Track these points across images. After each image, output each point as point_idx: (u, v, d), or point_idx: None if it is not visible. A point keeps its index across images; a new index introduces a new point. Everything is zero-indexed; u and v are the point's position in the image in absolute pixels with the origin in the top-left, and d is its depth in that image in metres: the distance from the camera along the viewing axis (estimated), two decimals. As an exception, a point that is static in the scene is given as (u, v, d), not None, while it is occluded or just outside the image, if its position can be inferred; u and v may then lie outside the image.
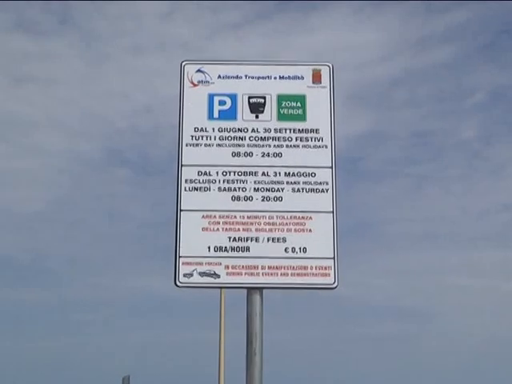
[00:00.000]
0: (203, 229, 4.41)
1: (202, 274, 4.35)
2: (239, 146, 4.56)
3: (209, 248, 4.38)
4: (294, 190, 4.49)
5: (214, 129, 4.59)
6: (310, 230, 4.43)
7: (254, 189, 4.49)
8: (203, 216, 4.43)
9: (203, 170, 4.50)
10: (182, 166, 4.52)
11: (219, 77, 4.71)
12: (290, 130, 4.61)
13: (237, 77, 4.72)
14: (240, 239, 4.40)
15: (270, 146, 4.57)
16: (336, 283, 4.38)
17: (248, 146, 4.57)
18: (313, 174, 4.52)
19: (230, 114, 4.64)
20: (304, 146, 4.58)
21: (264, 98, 4.68)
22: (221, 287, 4.46)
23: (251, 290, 4.38)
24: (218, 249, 4.38)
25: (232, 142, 4.57)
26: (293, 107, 4.67)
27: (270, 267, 4.37)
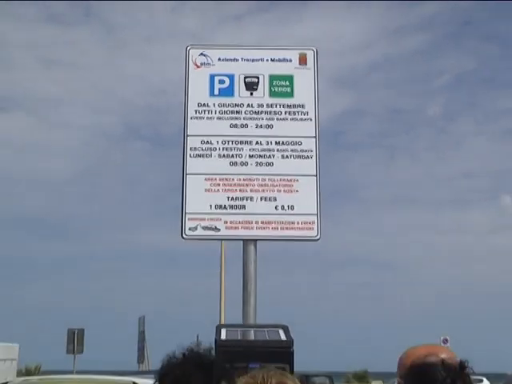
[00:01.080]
0: (205, 190, 4.42)
1: (204, 228, 4.36)
2: (236, 118, 4.56)
3: (210, 206, 4.39)
4: (283, 156, 4.49)
5: (214, 104, 4.58)
6: (297, 191, 4.44)
7: (249, 155, 4.49)
8: (205, 179, 4.44)
9: (205, 139, 4.50)
10: (187, 136, 4.52)
11: (219, 59, 4.69)
12: (280, 105, 4.61)
13: (234, 59, 4.71)
14: (237, 198, 4.41)
15: (262, 118, 4.56)
16: (319, 236, 4.40)
17: (244, 118, 4.56)
18: (299, 143, 4.52)
19: (229, 92, 4.63)
20: (292, 119, 4.58)
21: (258, 77, 4.66)
22: (221, 239, 4.49)
23: (247, 241, 4.40)
24: (218, 207, 4.39)
25: (230, 115, 4.56)
26: (282, 85, 4.66)
27: (262, 222, 4.38)
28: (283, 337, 3.56)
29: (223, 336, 3.58)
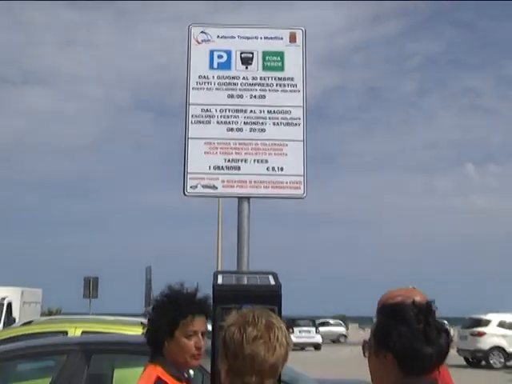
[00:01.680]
0: (205, 152, 4.38)
1: (204, 187, 4.33)
2: (233, 89, 4.50)
3: (209, 167, 4.35)
4: (274, 123, 4.45)
5: (213, 76, 4.52)
6: (286, 154, 4.40)
7: (244, 122, 4.44)
8: (205, 143, 4.39)
9: (205, 107, 4.45)
10: (189, 104, 4.46)
11: (218, 37, 4.62)
12: (272, 77, 4.54)
13: (232, 37, 4.63)
14: (233, 160, 4.37)
15: (256, 89, 4.51)
16: (305, 194, 4.38)
17: (239, 89, 4.50)
18: (288, 112, 4.47)
19: (226, 65, 4.56)
20: (282, 90, 4.52)
21: (252, 53, 4.60)
22: (218, 196, 4.46)
23: (241, 198, 4.37)
24: (216, 167, 4.35)
25: (227, 86, 4.50)
26: (274, 61, 4.60)
27: (255, 181, 4.35)
28: (272, 282, 3.56)
29: (220, 281, 3.58)
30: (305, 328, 35.61)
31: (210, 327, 3.16)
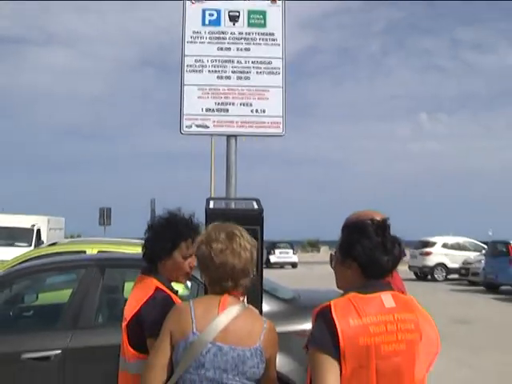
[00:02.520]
0: (198, 97, 4.28)
1: (197, 126, 4.25)
2: (222, 43, 4.37)
3: (202, 109, 4.26)
4: (257, 72, 4.34)
5: (205, 32, 4.38)
6: (268, 98, 4.30)
7: (232, 71, 4.33)
8: (198, 89, 4.29)
9: (198, 58, 4.33)
10: (184, 56, 4.34)
11: None
12: (256, 33, 4.40)
13: None
14: (222, 104, 4.27)
15: (242, 43, 4.37)
16: (284, 132, 4.30)
17: (228, 43, 4.37)
18: (270, 62, 4.35)
19: (216, 22, 4.41)
20: (264, 44, 4.39)
21: (239, 12, 4.44)
22: (209, 134, 4.39)
23: (229, 136, 4.30)
24: (208, 110, 4.26)
25: (217, 40, 4.37)
26: (257, 18, 4.45)
27: (241, 122, 4.27)
28: (256, 206, 3.52)
29: (211, 205, 3.54)
30: (284, 250, 35.95)
31: None
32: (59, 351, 4.24)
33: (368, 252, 2.12)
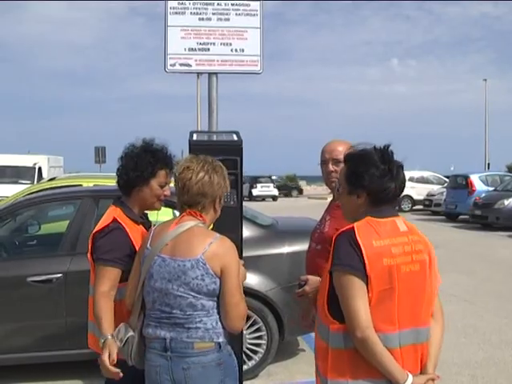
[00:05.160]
0: (181, 37, 4.15)
1: (181, 65, 4.15)
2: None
3: (185, 49, 4.14)
4: (236, 14, 4.20)
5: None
6: (246, 38, 4.19)
7: (212, 13, 4.19)
8: (181, 30, 4.16)
9: (181, 1, 4.17)
10: (168, -1, 4.17)
11: None
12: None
13: None
14: (203, 43, 4.16)
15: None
16: (261, 70, 4.21)
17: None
18: (248, 5, 4.21)
19: None
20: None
21: None
22: (192, 72, 4.27)
23: (211, 74, 4.21)
24: (191, 49, 4.15)
25: None
26: None
27: (222, 60, 4.17)
28: (235, 138, 3.49)
29: (195, 138, 3.51)
30: (265, 184, 36.04)
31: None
32: (60, 274, 4.32)
33: (376, 180, 2.01)
